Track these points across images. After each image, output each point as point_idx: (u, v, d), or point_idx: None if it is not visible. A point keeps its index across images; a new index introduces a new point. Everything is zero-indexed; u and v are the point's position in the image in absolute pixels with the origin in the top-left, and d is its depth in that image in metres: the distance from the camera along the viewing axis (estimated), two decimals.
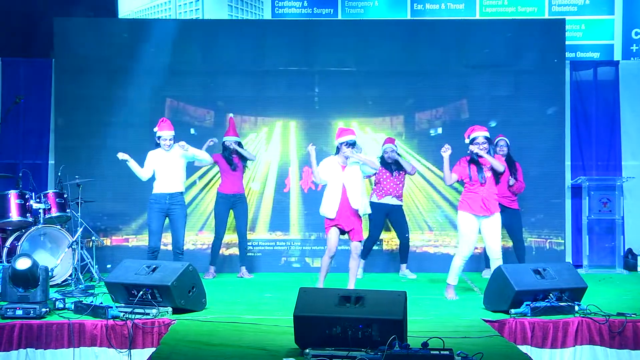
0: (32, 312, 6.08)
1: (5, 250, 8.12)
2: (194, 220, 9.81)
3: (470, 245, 7.32)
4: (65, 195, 8.58)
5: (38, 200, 8.35)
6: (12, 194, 8.26)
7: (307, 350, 4.98)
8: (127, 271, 6.63)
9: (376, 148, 9.55)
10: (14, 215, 8.23)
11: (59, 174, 8.76)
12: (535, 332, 6.08)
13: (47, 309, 6.21)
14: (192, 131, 9.76)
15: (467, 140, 7.38)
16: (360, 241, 7.47)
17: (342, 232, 7.46)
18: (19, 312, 6.08)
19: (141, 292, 6.35)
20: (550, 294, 6.40)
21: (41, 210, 8.30)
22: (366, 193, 8.03)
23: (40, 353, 5.99)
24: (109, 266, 9.27)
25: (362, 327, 5.04)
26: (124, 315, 6.07)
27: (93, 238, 8.85)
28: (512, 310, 6.25)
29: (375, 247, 9.72)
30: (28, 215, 8.29)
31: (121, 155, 8.02)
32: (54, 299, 6.53)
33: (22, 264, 6.21)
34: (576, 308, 6.28)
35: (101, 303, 6.26)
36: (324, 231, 9.65)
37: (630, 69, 10.35)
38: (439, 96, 9.95)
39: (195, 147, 8.44)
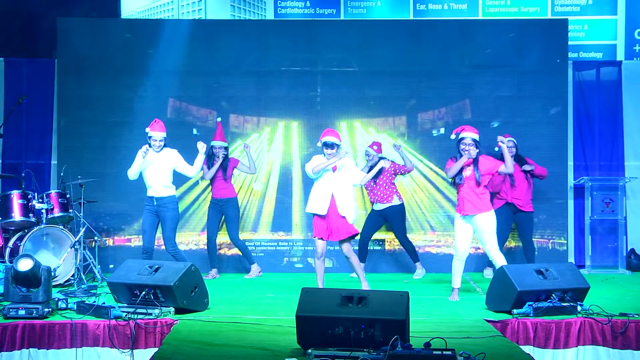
0: (34, 312, 6.08)
1: (8, 250, 8.13)
2: (196, 221, 9.82)
3: (461, 245, 7.32)
4: (67, 196, 8.59)
5: (41, 200, 8.36)
6: (15, 194, 8.26)
7: (310, 351, 4.97)
8: (129, 271, 6.64)
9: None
10: (17, 215, 8.24)
11: (62, 174, 8.77)
12: (537, 332, 6.08)
13: (50, 309, 6.22)
14: (195, 131, 9.76)
15: (452, 136, 7.35)
16: (344, 240, 7.45)
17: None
18: (22, 312, 6.08)
19: (144, 292, 6.35)
20: (553, 294, 6.39)
21: (44, 211, 8.32)
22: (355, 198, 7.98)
23: (42, 353, 6.00)
24: (111, 266, 9.28)
25: (365, 327, 5.03)
26: (126, 315, 6.08)
27: (95, 238, 8.87)
28: (515, 311, 6.25)
29: (377, 248, 9.74)
30: (31, 215, 8.30)
31: (144, 148, 7.98)
32: (56, 299, 6.54)
33: (24, 265, 6.21)
34: (578, 308, 6.28)
35: (104, 303, 6.27)
36: None
37: (633, 69, 10.34)
38: (441, 96, 9.95)
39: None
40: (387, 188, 9.08)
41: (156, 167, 8.12)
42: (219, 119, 9.46)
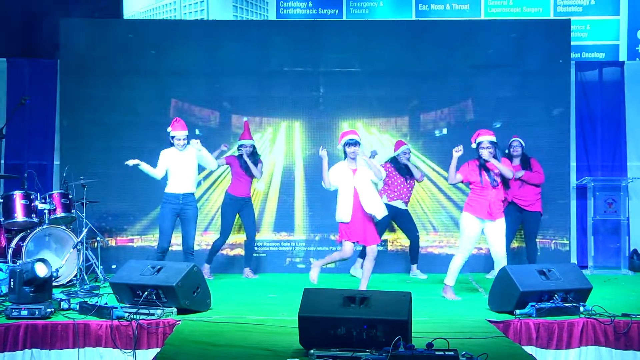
0: (37, 312, 6.09)
1: (10, 250, 8.13)
2: (199, 221, 9.76)
3: (471, 246, 7.38)
4: (70, 196, 8.60)
5: (43, 200, 8.36)
6: (18, 195, 8.27)
7: (312, 351, 4.97)
8: (131, 272, 6.64)
9: (387, 149, 9.53)
10: (19, 215, 8.24)
11: (64, 174, 8.77)
12: (540, 333, 6.07)
13: (52, 310, 6.22)
14: (197, 132, 9.76)
15: (473, 145, 7.37)
16: (376, 244, 7.48)
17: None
18: (24, 313, 6.09)
19: (146, 293, 6.35)
20: (555, 295, 6.39)
21: (46, 211, 8.32)
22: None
23: (45, 353, 6.00)
24: (113, 266, 9.28)
25: (367, 327, 5.03)
26: (128, 315, 6.08)
27: (98, 238, 8.88)
28: (517, 311, 6.24)
29: (380, 248, 9.68)
30: (33, 215, 8.30)
31: (131, 162, 8.01)
32: (59, 299, 6.55)
33: (41, 270, 6.26)
34: (581, 309, 6.27)
35: (106, 303, 6.28)
36: (329, 232, 9.70)
37: (636, 70, 10.33)
38: (443, 97, 9.94)
39: (205, 149, 8.42)
40: (411, 194, 9.25)
41: (183, 165, 8.25)
42: (245, 119, 9.48)
